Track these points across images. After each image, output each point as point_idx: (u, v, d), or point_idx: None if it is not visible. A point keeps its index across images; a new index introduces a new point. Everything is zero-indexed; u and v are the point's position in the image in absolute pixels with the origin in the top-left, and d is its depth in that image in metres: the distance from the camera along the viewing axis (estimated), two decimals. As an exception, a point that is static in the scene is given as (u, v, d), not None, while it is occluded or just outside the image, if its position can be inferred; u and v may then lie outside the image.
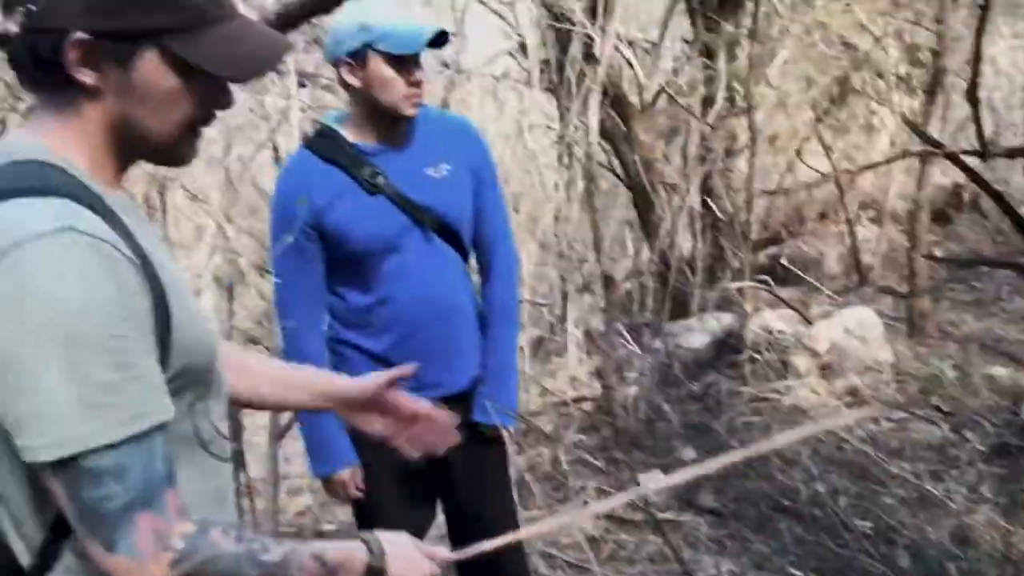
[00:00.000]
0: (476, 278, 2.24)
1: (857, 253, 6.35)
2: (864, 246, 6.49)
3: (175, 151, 1.02)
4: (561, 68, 4.97)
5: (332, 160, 2.00)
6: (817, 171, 5.64)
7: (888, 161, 5.67)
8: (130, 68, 0.95)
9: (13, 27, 0.96)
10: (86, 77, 0.94)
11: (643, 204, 5.51)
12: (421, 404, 1.43)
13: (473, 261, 2.21)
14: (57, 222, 0.86)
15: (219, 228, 3.70)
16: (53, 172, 0.93)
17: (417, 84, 1.96)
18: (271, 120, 4.80)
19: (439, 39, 1.95)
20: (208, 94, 1.00)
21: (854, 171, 5.76)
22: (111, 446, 0.86)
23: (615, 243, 6.60)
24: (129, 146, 1.00)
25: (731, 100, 5.37)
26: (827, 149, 5.74)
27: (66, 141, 0.97)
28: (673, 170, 5.66)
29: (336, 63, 1.96)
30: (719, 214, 5.26)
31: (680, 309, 4.93)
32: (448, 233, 2.05)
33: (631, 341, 4.47)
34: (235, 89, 1.04)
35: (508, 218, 2.23)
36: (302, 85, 4.44)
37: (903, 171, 6.39)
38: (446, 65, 5.33)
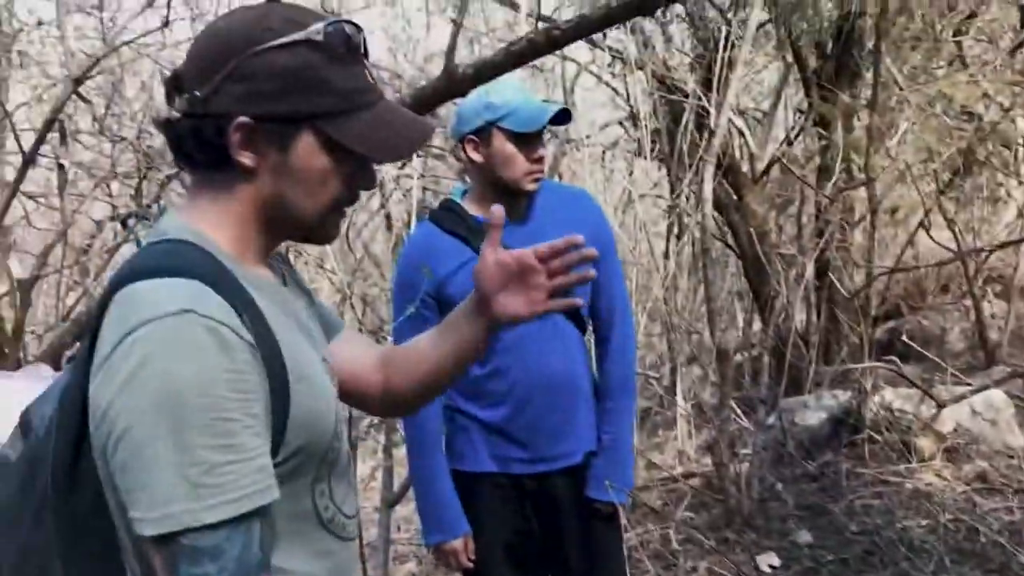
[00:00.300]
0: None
1: (984, 330, 6.03)
2: (990, 322, 6.16)
3: (321, 229, 1.06)
4: (673, 138, 4.98)
5: (454, 232, 2.04)
6: (940, 244, 5.40)
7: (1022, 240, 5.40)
8: (287, 150, 1.00)
9: (175, 113, 1.02)
10: (246, 159, 0.99)
11: (756, 276, 5.40)
12: (526, 252, 1.17)
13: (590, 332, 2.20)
14: (181, 304, 0.89)
15: (343, 298, 3.79)
16: (192, 253, 0.97)
17: (539, 160, 2.00)
18: (386, 188, 4.94)
19: (561, 117, 1.99)
20: (355, 175, 1.04)
21: (986, 249, 5.51)
22: (211, 527, 0.87)
23: (724, 314, 6.46)
24: (278, 225, 1.04)
25: (848, 171, 5.25)
26: (950, 222, 5.51)
27: (215, 221, 1.01)
28: (787, 241, 5.54)
29: (461, 140, 2.01)
30: (839, 288, 5.10)
31: (793, 385, 4.77)
32: (565, 306, 2.05)
33: (743, 416, 4.34)
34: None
35: (626, 290, 2.22)
36: (417, 154, 4.57)
37: (1033, 243, 6.07)
38: (555, 134, 5.41)
